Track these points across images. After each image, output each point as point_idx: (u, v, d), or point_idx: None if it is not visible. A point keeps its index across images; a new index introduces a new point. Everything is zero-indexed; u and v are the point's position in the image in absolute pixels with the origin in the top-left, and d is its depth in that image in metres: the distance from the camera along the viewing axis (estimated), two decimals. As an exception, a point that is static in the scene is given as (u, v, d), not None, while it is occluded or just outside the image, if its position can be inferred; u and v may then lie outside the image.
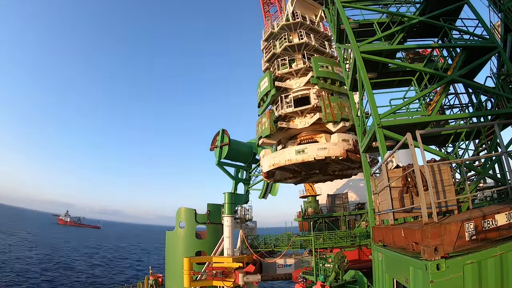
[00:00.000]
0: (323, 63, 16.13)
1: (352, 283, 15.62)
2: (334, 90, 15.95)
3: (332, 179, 20.82)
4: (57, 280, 39.60)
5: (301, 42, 17.09)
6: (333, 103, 15.05)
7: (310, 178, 20.06)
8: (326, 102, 14.97)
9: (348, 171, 18.52)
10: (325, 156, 14.69)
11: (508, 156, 5.69)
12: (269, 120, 16.14)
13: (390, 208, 5.51)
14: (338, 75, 16.21)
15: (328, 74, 15.88)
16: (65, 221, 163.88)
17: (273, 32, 18.69)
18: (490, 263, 3.87)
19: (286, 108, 16.02)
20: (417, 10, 9.99)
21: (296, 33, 17.70)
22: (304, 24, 17.75)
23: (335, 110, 14.93)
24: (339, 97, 15.87)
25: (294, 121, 16.41)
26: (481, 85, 8.63)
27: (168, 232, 24.80)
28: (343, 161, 15.32)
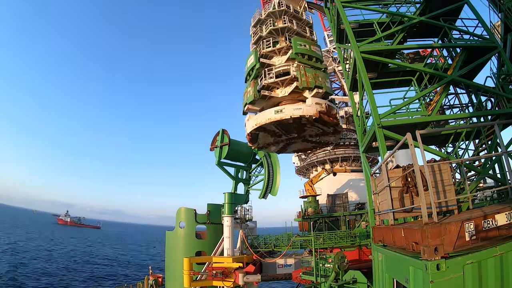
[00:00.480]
0: (301, 42, 18.45)
1: (352, 283, 15.63)
2: (311, 65, 17.99)
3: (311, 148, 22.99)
4: (57, 280, 39.60)
5: (284, 26, 19.26)
6: (308, 73, 17.26)
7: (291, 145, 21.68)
8: (302, 72, 17.21)
9: (324, 138, 20.35)
10: (300, 114, 16.59)
11: (508, 156, 5.69)
12: (253, 88, 18.21)
13: (390, 208, 5.51)
14: (315, 52, 18.52)
15: (306, 51, 18.09)
16: (65, 221, 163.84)
17: (261, 19, 20.86)
18: (490, 263, 3.87)
19: (268, 79, 18.20)
20: (417, 10, 9.99)
21: (281, 19, 19.98)
22: (288, 12, 20.09)
23: (309, 79, 17.08)
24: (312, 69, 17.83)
25: (275, 91, 18.66)
26: (481, 85, 8.63)
27: (168, 232, 24.81)
28: (317, 122, 17.36)
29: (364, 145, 9.30)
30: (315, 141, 20.85)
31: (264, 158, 25.23)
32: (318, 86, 17.06)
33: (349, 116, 32.47)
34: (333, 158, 32.54)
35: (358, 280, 15.57)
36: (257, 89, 18.15)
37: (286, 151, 22.77)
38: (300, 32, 19.79)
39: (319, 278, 17.19)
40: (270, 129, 18.54)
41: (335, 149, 33.05)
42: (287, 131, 18.87)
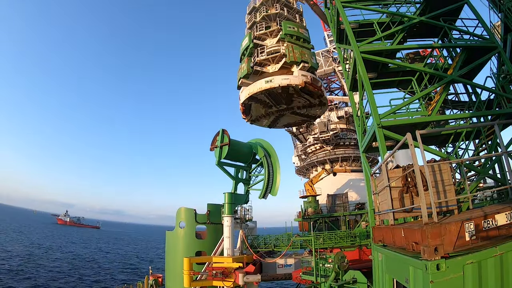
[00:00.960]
0: (290, 25, 20.47)
1: (352, 283, 15.63)
2: (299, 44, 19.91)
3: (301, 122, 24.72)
4: (56, 280, 39.60)
5: (276, 12, 21.30)
6: (296, 50, 19.29)
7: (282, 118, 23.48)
8: (290, 49, 19.23)
9: (312, 110, 22.29)
10: (287, 83, 18.56)
11: (508, 156, 5.69)
12: (247, 64, 20.08)
13: (390, 208, 5.51)
14: (302, 34, 20.40)
15: (294, 32, 20.02)
16: (64, 221, 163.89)
17: (255, 7, 22.78)
18: (490, 263, 3.87)
19: (260, 56, 20.13)
20: (417, 10, 9.99)
21: (273, 7, 21.95)
22: (280, 0, 22.10)
23: (296, 54, 18.97)
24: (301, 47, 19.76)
25: (267, 68, 20.50)
26: (481, 86, 8.63)
27: (168, 232, 24.81)
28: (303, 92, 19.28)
29: (364, 145, 9.30)
30: (303, 113, 22.71)
31: (264, 158, 25.23)
32: (304, 61, 19.05)
33: (349, 116, 32.44)
34: (333, 158, 32.53)
35: (358, 280, 15.57)
36: (250, 65, 20.00)
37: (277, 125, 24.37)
38: (290, 18, 21.74)
39: (319, 278, 17.19)
40: (262, 99, 20.55)
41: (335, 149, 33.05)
42: (277, 101, 20.79)
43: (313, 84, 19.09)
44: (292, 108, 21.79)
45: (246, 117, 22.67)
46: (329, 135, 31.71)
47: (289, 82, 18.57)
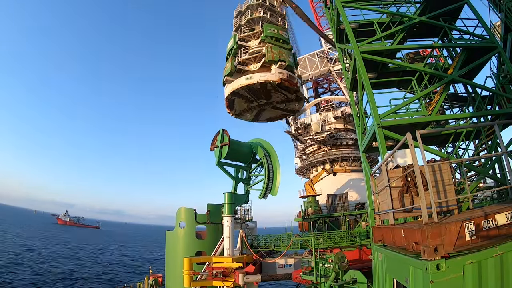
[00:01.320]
0: (271, 27, 22.18)
1: (352, 283, 15.62)
2: (278, 45, 21.68)
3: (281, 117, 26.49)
4: (56, 280, 39.60)
5: (259, 16, 23.15)
6: (274, 50, 21.04)
7: (263, 113, 25.32)
8: (269, 49, 21.08)
9: (290, 105, 24.06)
10: (265, 80, 20.36)
11: (508, 156, 5.69)
12: (231, 63, 22.00)
13: (390, 208, 5.51)
14: (282, 36, 22.11)
15: (274, 34, 21.79)
16: (64, 221, 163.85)
17: (241, 11, 24.46)
18: (490, 263, 3.87)
19: (243, 56, 22.03)
20: (417, 10, 9.99)
21: (258, 11, 23.65)
22: (264, 5, 23.84)
23: (275, 54, 20.77)
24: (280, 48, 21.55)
25: (249, 67, 22.30)
26: (481, 85, 8.63)
27: (168, 232, 24.81)
28: (280, 87, 21.13)
29: (364, 145, 9.30)
30: (282, 108, 24.56)
31: (264, 158, 25.23)
32: (281, 60, 20.81)
33: (346, 116, 32.45)
34: (333, 158, 32.54)
35: (358, 280, 15.57)
36: (234, 64, 21.94)
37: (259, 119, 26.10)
38: (272, 21, 23.56)
39: (319, 278, 17.19)
40: (243, 94, 22.46)
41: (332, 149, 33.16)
42: (257, 96, 22.70)
43: (289, 80, 20.85)
44: (272, 103, 23.72)
45: (230, 111, 24.53)
46: (324, 136, 32.10)
47: (267, 79, 20.50)
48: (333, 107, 33.76)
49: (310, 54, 35.24)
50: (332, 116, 33.23)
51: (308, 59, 35.09)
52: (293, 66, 21.97)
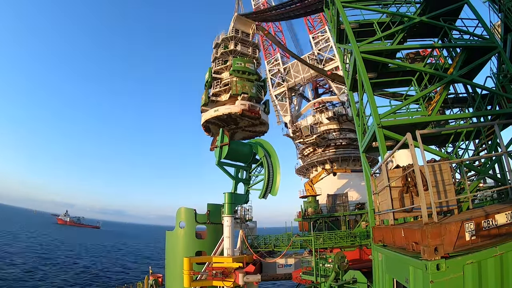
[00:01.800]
0: (239, 61, 25.66)
1: (352, 283, 15.62)
2: (244, 77, 25.40)
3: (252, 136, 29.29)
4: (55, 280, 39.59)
5: (231, 49, 27.12)
6: (239, 84, 24.75)
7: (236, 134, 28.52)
8: (234, 84, 24.89)
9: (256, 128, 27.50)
10: (228, 112, 24.20)
11: (508, 156, 5.69)
12: (205, 95, 26.20)
13: (390, 208, 5.51)
14: (248, 68, 25.60)
15: (241, 68, 25.37)
16: (64, 221, 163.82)
17: (218, 43, 28.15)
18: (490, 263, 3.86)
19: (215, 88, 26.24)
20: (417, 10, 9.98)
21: (231, 42, 27.50)
22: (236, 37, 27.63)
23: (238, 88, 24.65)
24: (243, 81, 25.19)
25: (221, 97, 26.27)
26: (481, 85, 8.63)
27: (168, 232, 24.82)
28: (243, 116, 24.49)
29: (364, 145, 9.29)
30: (250, 130, 27.87)
31: (264, 158, 25.24)
32: (244, 92, 24.68)
33: (339, 116, 32.50)
34: (333, 158, 32.53)
35: (358, 280, 15.57)
36: (207, 95, 26.10)
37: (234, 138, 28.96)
38: (244, 52, 27.42)
39: (319, 278, 17.19)
40: (215, 122, 26.17)
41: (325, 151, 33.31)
42: (227, 123, 26.31)
43: (250, 110, 24.38)
44: (241, 127, 27.21)
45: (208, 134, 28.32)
46: (313, 138, 32.76)
47: (230, 111, 24.30)
48: (325, 108, 33.96)
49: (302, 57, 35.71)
50: (324, 117, 33.46)
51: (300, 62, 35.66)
52: (255, 96, 25.40)
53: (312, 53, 35.12)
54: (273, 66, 38.86)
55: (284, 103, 37.54)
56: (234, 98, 24.99)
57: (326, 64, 33.33)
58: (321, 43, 34.14)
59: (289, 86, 37.31)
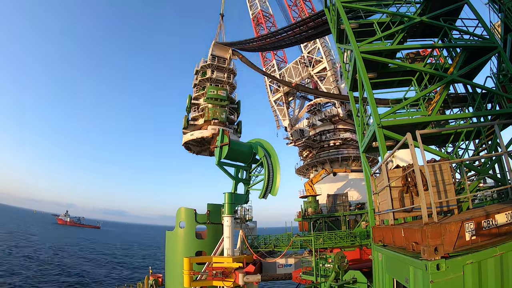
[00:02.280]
0: (212, 89, 30.25)
1: (352, 283, 15.62)
2: (216, 104, 30.08)
3: None
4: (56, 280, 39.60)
5: (208, 77, 31.45)
6: (210, 111, 29.61)
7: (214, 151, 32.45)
8: (207, 110, 29.82)
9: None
10: (201, 136, 28.90)
11: (508, 156, 5.69)
12: (185, 120, 30.79)
13: (390, 208, 5.52)
14: (220, 95, 30.11)
15: (214, 95, 29.95)
16: (64, 221, 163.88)
17: (197, 70, 32.54)
18: (490, 263, 3.86)
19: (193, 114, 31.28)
20: (417, 10, 9.98)
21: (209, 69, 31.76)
22: (213, 64, 31.84)
23: (210, 114, 29.47)
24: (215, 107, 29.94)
25: (198, 121, 30.78)
26: (481, 85, 8.62)
27: (168, 232, 24.82)
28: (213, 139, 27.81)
29: (364, 145, 9.29)
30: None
31: (264, 158, 25.24)
32: (215, 118, 29.35)
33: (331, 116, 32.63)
34: (333, 158, 32.54)
35: (358, 280, 15.57)
36: (187, 120, 30.92)
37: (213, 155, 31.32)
38: (219, 78, 31.63)
39: (319, 278, 17.19)
40: (193, 143, 30.99)
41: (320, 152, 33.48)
42: (202, 144, 31.01)
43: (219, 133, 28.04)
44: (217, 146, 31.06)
45: (190, 151, 32.81)
46: (302, 141, 33.78)
47: (202, 135, 28.82)
48: (318, 110, 34.26)
49: (293, 62, 36.39)
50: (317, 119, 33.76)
51: (293, 67, 36.32)
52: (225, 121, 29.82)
53: (302, 56, 35.56)
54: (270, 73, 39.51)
55: (282, 108, 38.26)
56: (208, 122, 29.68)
57: (315, 66, 33.88)
58: (309, 45, 34.44)
59: (285, 91, 38.06)
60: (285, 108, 38.02)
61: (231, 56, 32.87)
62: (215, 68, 31.87)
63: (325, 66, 32.32)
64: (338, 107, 31.80)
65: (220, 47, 32.85)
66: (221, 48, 32.89)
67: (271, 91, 39.35)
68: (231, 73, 32.95)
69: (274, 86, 39.13)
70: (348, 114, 31.84)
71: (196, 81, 32.16)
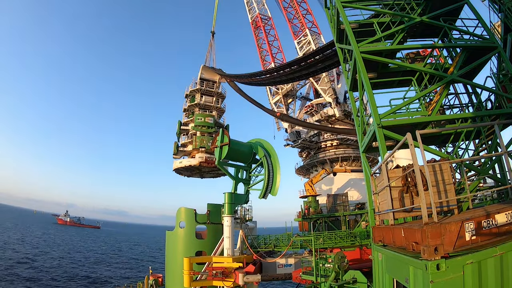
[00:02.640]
0: (200, 116, 31.42)
1: (352, 283, 15.63)
2: (204, 131, 31.25)
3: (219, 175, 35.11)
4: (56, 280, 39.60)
5: (196, 102, 32.68)
6: (198, 139, 30.86)
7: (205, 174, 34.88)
8: (195, 138, 31.11)
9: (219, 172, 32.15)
10: (189, 164, 30.31)
11: (508, 156, 5.69)
12: (175, 146, 32.03)
13: (390, 208, 5.52)
14: (207, 122, 31.31)
15: (201, 122, 31.21)
16: (64, 221, 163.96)
17: (187, 94, 33.81)
18: (490, 263, 3.86)
19: (182, 140, 32.41)
20: (417, 10, 9.97)
21: (198, 93, 33.11)
22: (201, 89, 33.06)
23: (197, 142, 30.68)
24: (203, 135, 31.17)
25: (188, 146, 32.10)
26: (481, 86, 8.62)
27: (168, 232, 24.83)
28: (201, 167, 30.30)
29: (364, 145, 9.29)
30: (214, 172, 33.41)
31: (264, 158, 25.25)
32: (202, 147, 30.43)
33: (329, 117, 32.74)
34: (333, 158, 32.57)
35: (358, 280, 15.58)
36: (177, 146, 32.05)
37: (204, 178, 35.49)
38: (207, 103, 32.90)
39: (319, 278, 17.20)
40: (183, 170, 32.19)
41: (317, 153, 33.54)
42: (192, 170, 32.57)
43: (207, 161, 29.60)
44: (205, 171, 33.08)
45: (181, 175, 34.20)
46: (298, 143, 34.33)
47: (190, 163, 30.09)
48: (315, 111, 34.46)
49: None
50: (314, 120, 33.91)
51: None
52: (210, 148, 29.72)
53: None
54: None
55: (282, 110, 38.56)
56: (196, 150, 30.88)
57: None
58: (304, 47, 34.60)
59: (283, 93, 38.40)
60: (284, 110, 38.30)
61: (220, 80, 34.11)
62: (204, 92, 32.93)
63: None
64: (334, 108, 31.91)
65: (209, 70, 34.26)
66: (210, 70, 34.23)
67: (270, 94, 39.58)
68: (220, 97, 33.87)
69: (273, 89, 39.36)
70: (344, 114, 31.96)
71: (186, 106, 33.22)
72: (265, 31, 40.65)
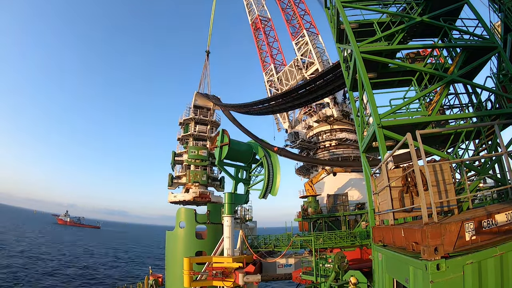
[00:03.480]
0: (193, 149, 30.81)
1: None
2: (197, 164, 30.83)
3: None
4: (56, 280, 39.60)
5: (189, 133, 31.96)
6: (191, 174, 30.25)
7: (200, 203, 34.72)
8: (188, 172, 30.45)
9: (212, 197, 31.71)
10: (184, 199, 29.61)
11: (508, 156, 5.69)
12: (169, 178, 31.47)
13: (390, 208, 5.51)
14: (201, 155, 30.59)
15: (195, 156, 30.64)
16: (64, 221, 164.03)
17: (181, 122, 33.04)
18: (490, 263, 3.86)
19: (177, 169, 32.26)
20: (418, 10, 9.97)
21: (192, 121, 32.27)
22: (195, 118, 32.24)
23: (191, 177, 30.01)
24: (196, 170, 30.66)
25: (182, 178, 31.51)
26: (481, 86, 8.62)
27: (168, 232, 24.85)
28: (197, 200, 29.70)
29: (364, 145, 9.29)
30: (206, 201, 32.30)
31: (264, 158, 25.26)
32: (195, 181, 30.04)
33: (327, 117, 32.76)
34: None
35: (358, 280, 15.55)
36: (171, 178, 31.44)
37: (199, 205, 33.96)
38: (201, 133, 32.19)
39: (319, 278, 17.20)
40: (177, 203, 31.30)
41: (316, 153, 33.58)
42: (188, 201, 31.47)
43: (201, 196, 29.36)
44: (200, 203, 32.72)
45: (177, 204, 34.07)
46: (297, 144, 34.00)
47: (184, 198, 29.46)
48: (314, 111, 34.48)
49: (289, 65, 36.65)
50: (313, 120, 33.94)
51: (288, 70, 36.50)
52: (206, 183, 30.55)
53: (296, 59, 35.79)
54: (270, 77, 39.92)
55: None
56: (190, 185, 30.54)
57: (308, 68, 34.07)
58: (302, 47, 34.62)
59: None
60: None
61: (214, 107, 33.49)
62: (198, 121, 32.29)
63: (317, 68, 32.49)
64: (332, 108, 31.95)
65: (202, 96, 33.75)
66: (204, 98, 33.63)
67: (271, 95, 39.69)
68: (214, 125, 33.22)
69: (273, 90, 39.37)
70: (343, 114, 31.97)
71: (180, 136, 32.64)
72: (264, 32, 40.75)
